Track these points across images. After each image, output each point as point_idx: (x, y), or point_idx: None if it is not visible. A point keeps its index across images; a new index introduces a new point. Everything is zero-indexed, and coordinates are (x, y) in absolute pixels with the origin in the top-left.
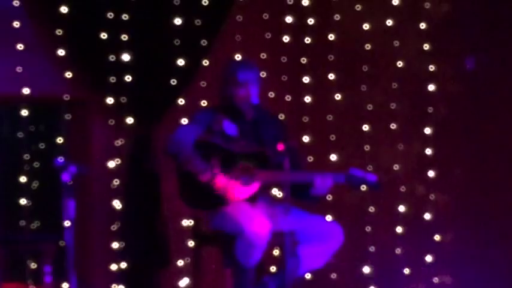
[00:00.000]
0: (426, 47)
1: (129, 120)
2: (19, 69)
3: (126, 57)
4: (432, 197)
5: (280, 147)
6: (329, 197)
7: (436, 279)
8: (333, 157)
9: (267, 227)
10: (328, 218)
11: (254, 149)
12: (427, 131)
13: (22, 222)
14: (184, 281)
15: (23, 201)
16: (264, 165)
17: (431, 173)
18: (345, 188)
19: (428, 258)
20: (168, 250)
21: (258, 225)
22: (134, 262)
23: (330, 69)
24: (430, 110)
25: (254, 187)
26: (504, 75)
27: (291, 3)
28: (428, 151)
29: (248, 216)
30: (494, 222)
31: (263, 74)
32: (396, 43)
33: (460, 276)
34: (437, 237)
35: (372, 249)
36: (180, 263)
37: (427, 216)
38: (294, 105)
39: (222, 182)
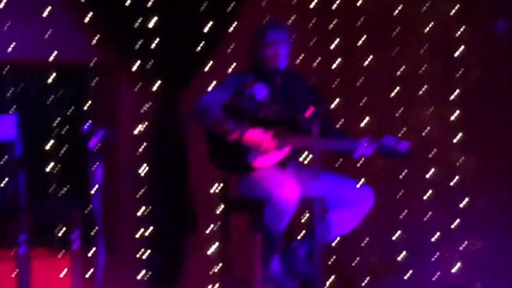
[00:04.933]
0: (456, 9)
1: (156, 85)
2: (46, 34)
3: (152, 21)
4: (462, 160)
5: (309, 112)
6: (359, 162)
7: (466, 244)
8: (363, 122)
9: (296, 192)
10: (359, 182)
11: (285, 114)
12: (457, 94)
13: (50, 188)
14: (213, 247)
15: (50, 167)
16: (295, 131)
17: (461, 137)
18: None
19: (458, 223)
20: (196, 216)
21: (287, 190)
22: (162, 228)
23: (359, 33)
24: (460, 72)
25: (284, 152)
26: None
27: None
28: (459, 114)
29: (277, 182)
30: None
31: (291, 38)
32: (426, 5)
33: (490, 241)
34: (467, 202)
35: (402, 214)
36: (209, 229)
37: (457, 180)
38: (323, 70)
39: (252, 135)
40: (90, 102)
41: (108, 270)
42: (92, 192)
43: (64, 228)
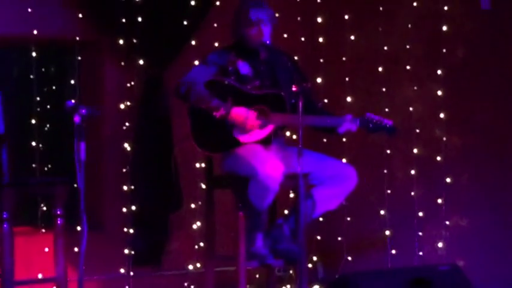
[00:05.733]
0: None
1: (141, 61)
2: (30, 10)
3: None
4: (447, 138)
5: (295, 88)
6: (345, 140)
7: (450, 222)
8: (349, 99)
9: (280, 170)
10: (347, 160)
11: (269, 90)
12: (442, 72)
13: (34, 165)
14: (198, 224)
15: (34, 144)
16: (279, 107)
17: (446, 115)
18: (361, 131)
19: (443, 201)
20: (180, 192)
21: (271, 167)
22: (146, 205)
23: (345, 9)
24: (445, 50)
25: (268, 129)
26: None
27: None
28: (443, 93)
29: (261, 159)
30: (508, 164)
31: (277, 15)
32: None
33: (474, 219)
34: (451, 180)
35: (388, 191)
36: (194, 205)
37: (442, 158)
38: (309, 47)
39: (238, 113)
40: (75, 78)
41: (92, 247)
42: (76, 169)
43: (48, 206)
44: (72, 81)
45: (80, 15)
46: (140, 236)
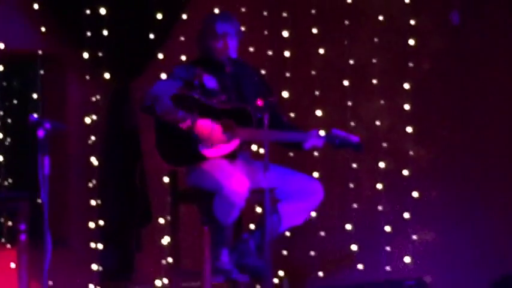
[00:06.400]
0: (408, 0)
1: (106, 75)
2: None
3: (102, 10)
4: (414, 153)
5: (260, 102)
6: (311, 155)
7: (417, 237)
8: (315, 113)
9: (245, 185)
10: (310, 175)
11: (235, 104)
12: (409, 86)
13: None
14: (166, 239)
15: None
16: (245, 122)
17: (413, 129)
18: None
19: (410, 216)
20: (149, 207)
21: (236, 183)
22: (113, 220)
23: (312, 24)
24: (412, 64)
25: (234, 144)
26: (487, 30)
27: None
28: (410, 107)
29: (226, 174)
30: (476, 179)
31: (243, 29)
32: None
33: (441, 234)
34: (418, 194)
35: (354, 206)
36: (162, 220)
37: (409, 172)
38: (275, 60)
39: (203, 125)
40: (38, 92)
41: (58, 263)
42: (39, 183)
43: (11, 221)
44: (35, 95)
45: (43, 29)
46: (109, 251)
